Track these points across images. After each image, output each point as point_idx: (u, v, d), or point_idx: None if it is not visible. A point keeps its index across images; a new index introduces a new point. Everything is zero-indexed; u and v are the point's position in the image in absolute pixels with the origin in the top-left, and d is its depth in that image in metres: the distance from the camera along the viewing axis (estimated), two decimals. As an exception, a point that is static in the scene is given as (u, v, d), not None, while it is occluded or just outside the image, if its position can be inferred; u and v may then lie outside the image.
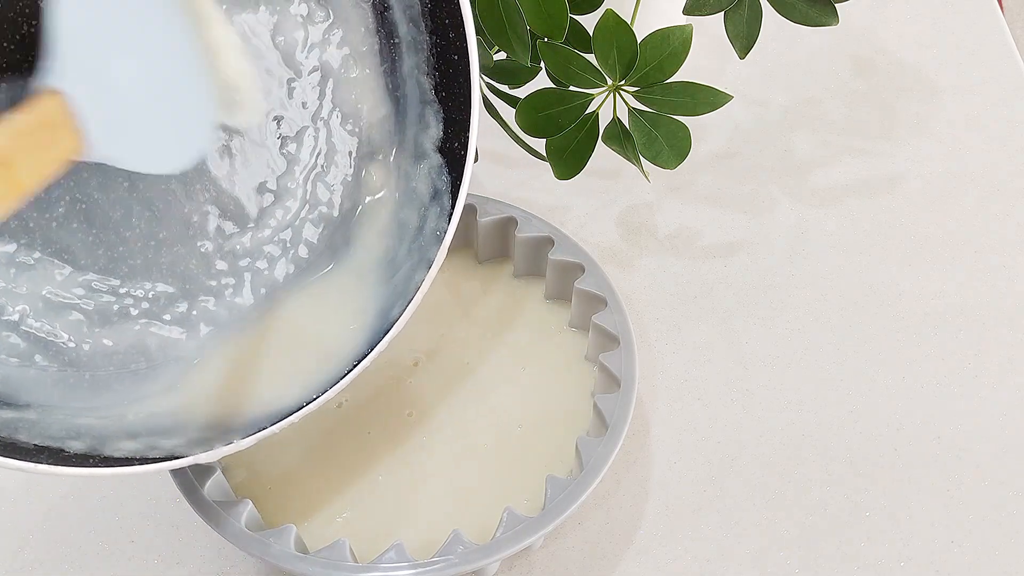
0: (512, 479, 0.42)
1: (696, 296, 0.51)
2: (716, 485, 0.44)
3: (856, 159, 0.58)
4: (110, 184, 0.36)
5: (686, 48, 0.44)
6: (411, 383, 0.45)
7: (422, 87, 0.40)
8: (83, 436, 0.34)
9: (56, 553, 0.42)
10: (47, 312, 0.36)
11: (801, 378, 0.48)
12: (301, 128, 0.39)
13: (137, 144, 0.33)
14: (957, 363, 0.48)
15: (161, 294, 0.38)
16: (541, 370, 0.45)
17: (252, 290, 0.39)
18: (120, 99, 0.31)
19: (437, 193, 0.39)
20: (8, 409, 0.34)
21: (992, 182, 0.56)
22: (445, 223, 0.38)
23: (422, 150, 0.40)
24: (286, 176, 0.39)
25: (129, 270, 0.37)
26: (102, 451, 0.34)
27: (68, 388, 0.36)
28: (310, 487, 0.41)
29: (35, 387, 0.35)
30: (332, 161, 0.40)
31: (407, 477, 0.42)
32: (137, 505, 0.44)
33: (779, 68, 0.62)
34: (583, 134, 0.46)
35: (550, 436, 0.43)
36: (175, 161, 0.35)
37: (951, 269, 0.52)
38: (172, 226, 0.38)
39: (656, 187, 0.56)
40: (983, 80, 0.62)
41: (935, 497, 0.44)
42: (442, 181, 0.39)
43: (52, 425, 0.34)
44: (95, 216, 0.36)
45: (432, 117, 0.40)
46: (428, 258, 0.38)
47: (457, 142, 0.38)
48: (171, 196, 0.37)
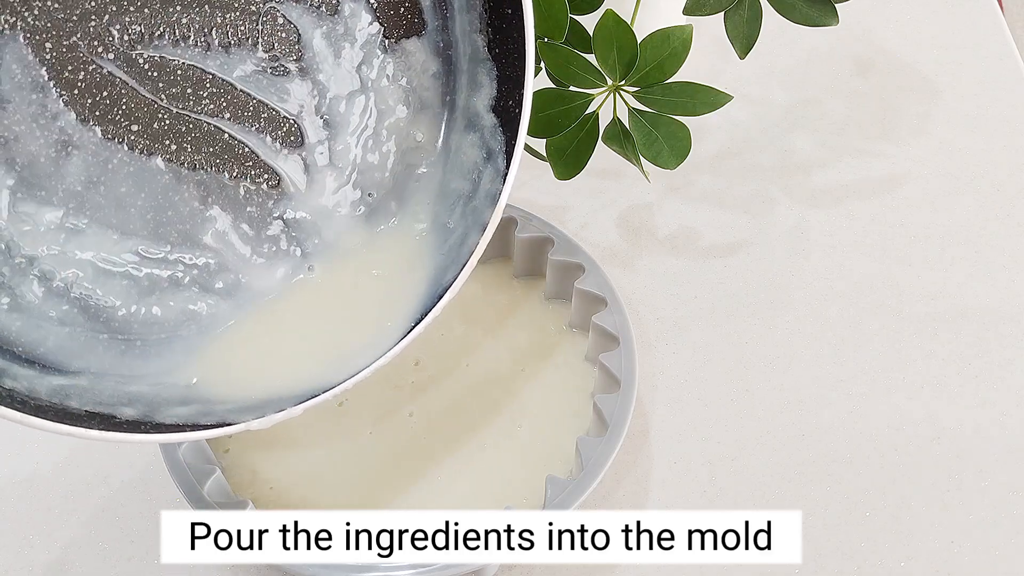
0: (512, 479, 0.42)
1: (696, 296, 0.51)
2: (716, 485, 0.44)
3: (856, 159, 0.58)
4: (157, 147, 0.36)
5: (686, 48, 0.44)
6: (411, 383, 0.45)
7: (475, 45, 0.39)
8: (135, 402, 0.34)
9: (56, 553, 0.42)
10: (97, 278, 0.35)
11: (801, 378, 0.48)
12: (351, 91, 0.39)
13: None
14: (957, 363, 0.48)
15: (211, 261, 0.37)
16: (541, 370, 0.45)
17: (303, 258, 0.39)
18: None
19: (491, 154, 0.39)
20: (59, 375, 0.34)
21: (992, 182, 0.56)
22: (500, 184, 0.37)
23: (475, 112, 0.39)
24: (336, 139, 0.39)
25: (179, 236, 0.37)
26: (154, 417, 0.34)
27: (119, 354, 0.36)
28: (310, 487, 0.41)
29: (86, 354, 0.35)
30: (382, 125, 0.40)
31: (407, 477, 0.42)
32: (137, 505, 0.44)
33: (779, 68, 0.62)
34: (583, 134, 0.46)
35: (550, 436, 0.43)
36: None
37: (951, 269, 0.52)
38: (222, 193, 0.37)
39: (656, 187, 0.56)
40: (983, 80, 0.62)
41: (935, 497, 0.44)
42: (496, 141, 0.39)
43: (103, 391, 0.34)
44: (143, 181, 0.36)
45: (485, 76, 0.39)
46: (482, 221, 0.37)
47: (511, 99, 0.38)
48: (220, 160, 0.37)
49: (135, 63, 0.35)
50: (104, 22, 0.34)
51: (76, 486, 0.44)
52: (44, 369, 0.34)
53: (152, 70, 0.35)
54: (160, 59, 0.35)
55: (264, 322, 0.38)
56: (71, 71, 0.34)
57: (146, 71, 0.35)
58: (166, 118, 0.36)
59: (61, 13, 0.33)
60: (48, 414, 0.31)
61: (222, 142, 0.37)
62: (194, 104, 0.36)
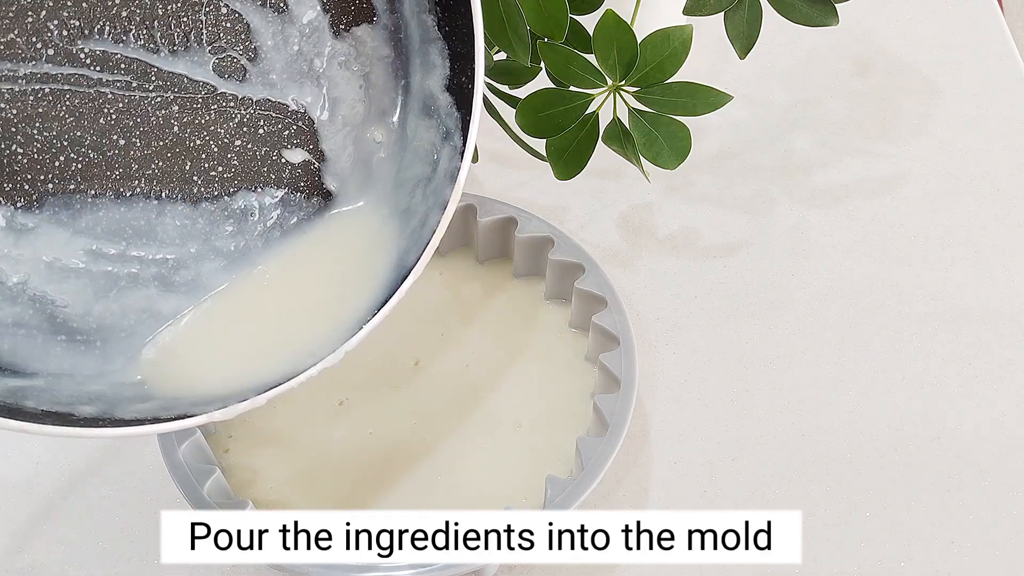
0: (512, 479, 0.42)
1: (696, 296, 0.51)
2: (716, 485, 0.44)
3: (856, 159, 0.58)
4: (104, 142, 0.36)
5: (686, 48, 0.44)
6: (411, 383, 0.45)
7: (425, 25, 0.39)
8: (94, 401, 0.34)
9: (56, 553, 0.42)
10: (51, 279, 0.35)
11: (801, 378, 0.48)
12: (302, 81, 0.39)
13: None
14: (957, 363, 0.48)
15: (170, 257, 0.37)
16: (541, 370, 0.45)
17: (262, 247, 0.39)
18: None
19: (448, 134, 0.38)
20: (15, 378, 0.33)
21: (992, 182, 0.56)
22: (458, 162, 0.37)
23: (429, 94, 0.39)
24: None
25: (134, 232, 0.37)
26: (113, 414, 0.34)
27: (78, 356, 0.35)
28: (310, 487, 0.41)
29: (43, 356, 0.35)
30: (337, 113, 0.40)
31: (407, 477, 0.42)
32: (137, 505, 0.44)
33: (779, 68, 0.62)
34: (583, 134, 0.46)
35: (550, 436, 0.43)
36: None
37: (951, 269, 0.52)
38: (175, 187, 0.37)
39: (656, 187, 0.56)
40: (983, 80, 0.62)
41: (935, 497, 0.44)
42: (452, 120, 0.38)
43: (62, 392, 0.34)
44: (93, 175, 0.36)
45: (437, 55, 0.39)
46: (442, 200, 0.37)
47: (464, 76, 0.38)
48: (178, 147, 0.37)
49: (76, 58, 0.34)
50: (42, 17, 0.33)
51: (76, 486, 0.44)
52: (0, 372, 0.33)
53: (94, 64, 0.35)
54: (102, 53, 0.35)
55: (222, 314, 0.38)
56: (11, 67, 0.33)
57: (88, 65, 0.35)
58: (112, 112, 0.36)
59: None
60: (1, 411, 0.31)
61: (172, 135, 0.37)
62: (141, 97, 0.36)
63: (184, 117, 0.37)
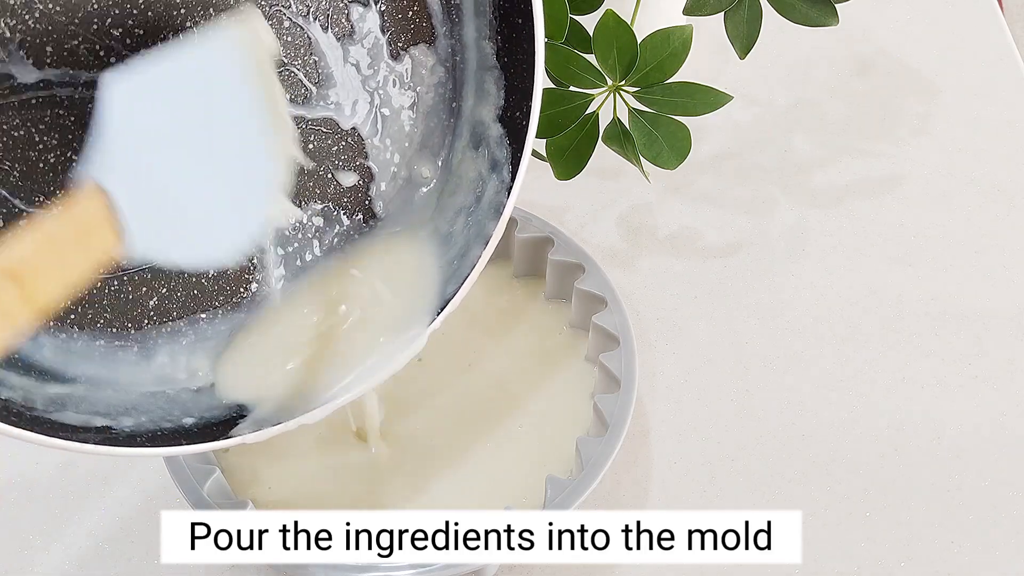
0: (512, 479, 0.42)
1: (696, 296, 0.51)
2: (716, 485, 0.44)
3: (856, 159, 0.58)
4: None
5: (686, 48, 0.44)
6: (412, 383, 0.45)
7: (483, 52, 0.38)
8: (131, 412, 0.34)
9: (56, 553, 0.42)
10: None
11: (801, 378, 0.48)
12: (356, 97, 0.38)
13: (183, 238, 0.30)
14: (957, 363, 0.48)
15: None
16: (541, 370, 0.45)
17: (303, 269, 0.38)
18: (169, 192, 0.29)
19: (496, 165, 0.38)
20: (56, 384, 0.33)
21: (992, 182, 0.56)
22: (504, 196, 0.36)
23: (480, 121, 0.39)
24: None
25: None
26: (151, 426, 0.34)
27: (116, 361, 0.35)
28: (310, 487, 0.41)
29: (82, 360, 0.35)
30: (387, 131, 0.39)
31: (408, 477, 0.42)
32: (137, 505, 0.44)
33: (779, 68, 0.62)
34: (583, 134, 0.46)
35: (550, 436, 0.43)
36: (225, 253, 0.32)
37: (951, 269, 0.52)
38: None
39: (656, 187, 0.56)
40: (983, 80, 0.62)
41: (935, 497, 0.44)
42: (502, 152, 0.38)
43: (101, 399, 0.34)
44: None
45: (493, 84, 0.38)
46: (485, 233, 0.37)
47: (519, 111, 0.37)
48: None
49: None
50: (106, 25, 0.33)
51: (76, 486, 0.44)
52: (41, 377, 0.33)
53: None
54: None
55: (261, 331, 0.38)
56: (73, 74, 0.33)
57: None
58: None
59: (63, 16, 0.32)
60: (44, 426, 0.31)
61: None
62: None
63: None
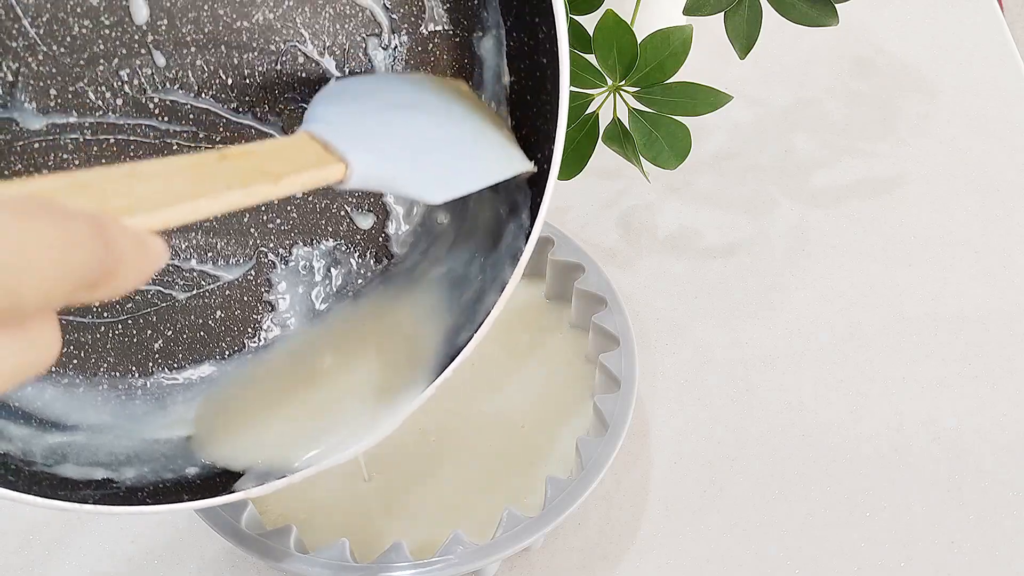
0: (512, 479, 0.42)
1: (696, 296, 0.51)
2: (716, 485, 0.44)
3: (856, 159, 0.58)
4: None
5: (686, 48, 0.44)
6: (411, 383, 0.45)
7: (502, 85, 0.36)
8: (133, 461, 0.33)
9: (56, 553, 0.42)
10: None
11: (801, 378, 0.48)
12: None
13: (412, 171, 0.31)
14: (957, 363, 0.48)
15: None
16: (541, 370, 0.45)
17: (315, 312, 0.37)
18: (396, 140, 0.30)
19: (515, 208, 0.36)
20: (56, 432, 0.33)
21: (992, 182, 0.56)
22: (522, 243, 0.34)
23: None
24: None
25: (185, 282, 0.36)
26: (153, 477, 0.33)
27: (119, 405, 0.35)
28: (310, 487, 0.41)
29: (85, 406, 0.34)
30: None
31: (407, 477, 0.42)
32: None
33: (779, 68, 0.62)
34: (583, 134, 0.46)
35: (550, 436, 0.43)
36: (441, 192, 0.31)
37: (951, 269, 0.52)
38: (235, 238, 0.36)
39: (656, 187, 0.56)
40: (983, 80, 0.62)
41: (935, 497, 0.44)
42: (521, 196, 0.35)
43: (101, 448, 0.33)
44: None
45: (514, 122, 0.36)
46: (502, 279, 0.34)
47: (540, 153, 0.34)
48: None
49: (145, 108, 0.32)
50: (113, 66, 0.31)
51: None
52: (41, 425, 0.33)
53: (163, 115, 0.33)
54: (172, 103, 0.33)
55: (265, 379, 0.37)
56: (77, 118, 0.32)
57: (157, 116, 0.33)
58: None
59: (67, 58, 0.31)
60: (43, 484, 0.30)
61: None
62: (206, 149, 0.33)
63: None
